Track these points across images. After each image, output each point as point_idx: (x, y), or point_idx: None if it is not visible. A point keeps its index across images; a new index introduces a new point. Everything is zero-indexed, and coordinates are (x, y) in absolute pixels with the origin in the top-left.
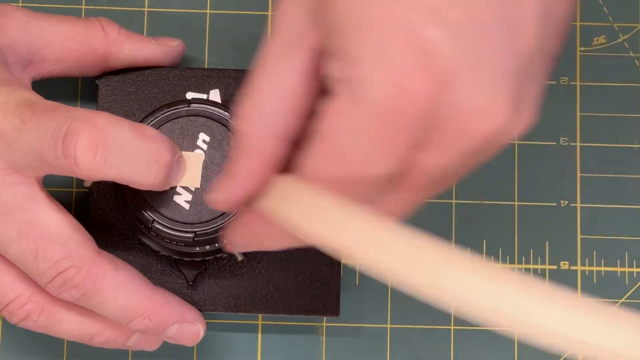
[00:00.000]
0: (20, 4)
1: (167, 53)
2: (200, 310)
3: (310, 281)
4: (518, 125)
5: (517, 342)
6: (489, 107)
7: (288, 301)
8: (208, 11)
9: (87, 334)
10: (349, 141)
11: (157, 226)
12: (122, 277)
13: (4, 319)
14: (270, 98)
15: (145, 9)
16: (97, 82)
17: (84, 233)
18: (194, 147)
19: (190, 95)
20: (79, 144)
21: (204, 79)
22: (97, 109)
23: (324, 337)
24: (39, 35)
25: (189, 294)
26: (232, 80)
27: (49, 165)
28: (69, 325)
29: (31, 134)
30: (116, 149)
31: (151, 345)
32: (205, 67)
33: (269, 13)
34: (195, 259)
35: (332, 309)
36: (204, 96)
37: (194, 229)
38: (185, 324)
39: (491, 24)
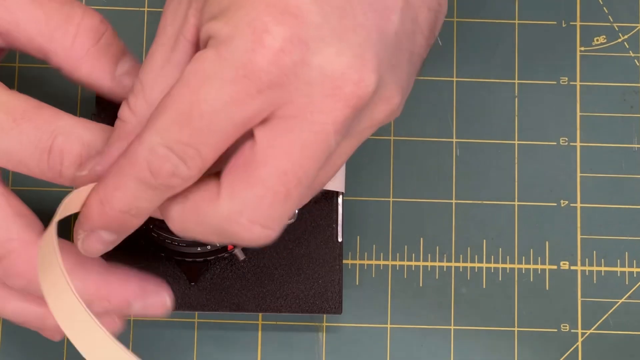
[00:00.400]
0: None
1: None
2: (202, 310)
3: (312, 279)
4: (382, 104)
5: (517, 342)
6: (355, 73)
7: (290, 300)
8: None
9: (35, 318)
10: (205, 86)
11: (155, 229)
12: (72, 261)
13: (4, 321)
14: (151, 90)
15: (145, 9)
16: None
17: (31, 217)
18: None
19: None
20: (65, 160)
21: None
22: (95, 112)
23: (324, 337)
24: (14, 11)
25: (192, 295)
26: None
27: (28, 171)
28: (15, 307)
29: (12, 142)
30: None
31: (112, 327)
32: None
33: None
34: (197, 259)
35: (334, 306)
36: None
37: None
38: (149, 298)
39: (358, 2)
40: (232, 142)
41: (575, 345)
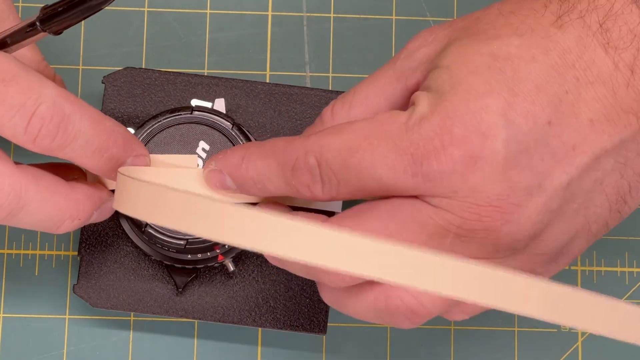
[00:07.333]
0: (20, 4)
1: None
2: (186, 317)
3: (300, 297)
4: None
5: (517, 342)
6: (498, 202)
7: (276, 316)
8: (208, 11)
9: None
10: (379, 140)
11: (150, 230)
12: (44, 186)
13: (4, 320)
14: (356, 107)
15: (145, 9)
16: (103, 80)
17: None
18: (193, 154)
19: (195, 102)
20: (44, 128)
21: (211, 87)
22: (101, 108)
23: (324, 337)
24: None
25: (178, 301)
26: (239, 90)
27: (0, 131)
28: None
29: None
30: (73, 137)
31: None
32: (205, 67)
33: (269, 13)
34: (187, 266)
35: (319, 326)
36: (209, 104)
37: (186, 237)
38: (104, 207)
39: (543, 145)
40: (366, 197)
41: (575, 345)
